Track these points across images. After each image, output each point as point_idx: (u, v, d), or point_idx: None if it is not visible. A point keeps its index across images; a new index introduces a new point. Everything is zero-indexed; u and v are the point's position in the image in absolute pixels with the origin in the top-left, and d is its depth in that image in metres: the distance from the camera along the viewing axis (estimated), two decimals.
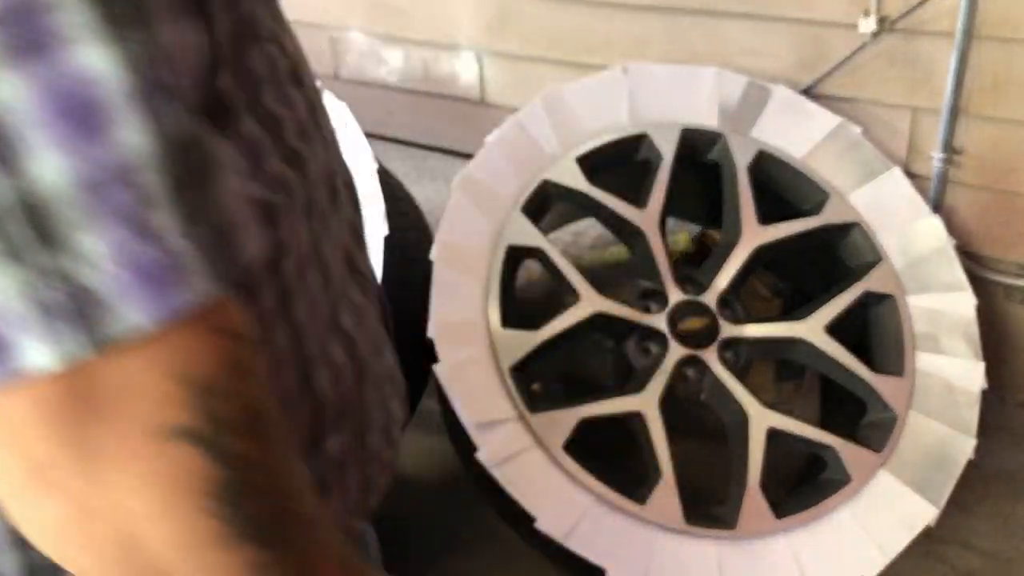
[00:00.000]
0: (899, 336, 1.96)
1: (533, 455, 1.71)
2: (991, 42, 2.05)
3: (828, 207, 2.03)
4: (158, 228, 0.41)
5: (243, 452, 0.45)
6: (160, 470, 0.43)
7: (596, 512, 1.69)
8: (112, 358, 0.42)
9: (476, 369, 1.75)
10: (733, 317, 1.95)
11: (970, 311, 1.99)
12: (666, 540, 1.71)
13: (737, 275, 1.95)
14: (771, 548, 1.75)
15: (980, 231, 2.25)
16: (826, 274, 2.13)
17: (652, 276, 1.93)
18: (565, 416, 1.77)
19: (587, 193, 1.93)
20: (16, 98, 0.38)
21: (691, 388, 1.90)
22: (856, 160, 2.10)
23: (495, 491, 1.71)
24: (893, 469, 1.84)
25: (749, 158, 2.03)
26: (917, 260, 2.02)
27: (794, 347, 1.95)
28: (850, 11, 2.16)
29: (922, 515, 1.79)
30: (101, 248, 0.40)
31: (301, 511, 0.49)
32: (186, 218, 0.42)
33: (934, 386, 1.93)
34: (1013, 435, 2.29)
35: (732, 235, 1.98)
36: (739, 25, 2.31)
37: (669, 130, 2.01)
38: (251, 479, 0.46)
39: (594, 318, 1.86)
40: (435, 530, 2.10)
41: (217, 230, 0.43)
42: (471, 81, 2.75)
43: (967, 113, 2.14)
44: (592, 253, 2.31)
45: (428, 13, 2.71)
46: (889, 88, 2.20)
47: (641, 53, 2.45)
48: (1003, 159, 2.16)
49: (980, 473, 2.13)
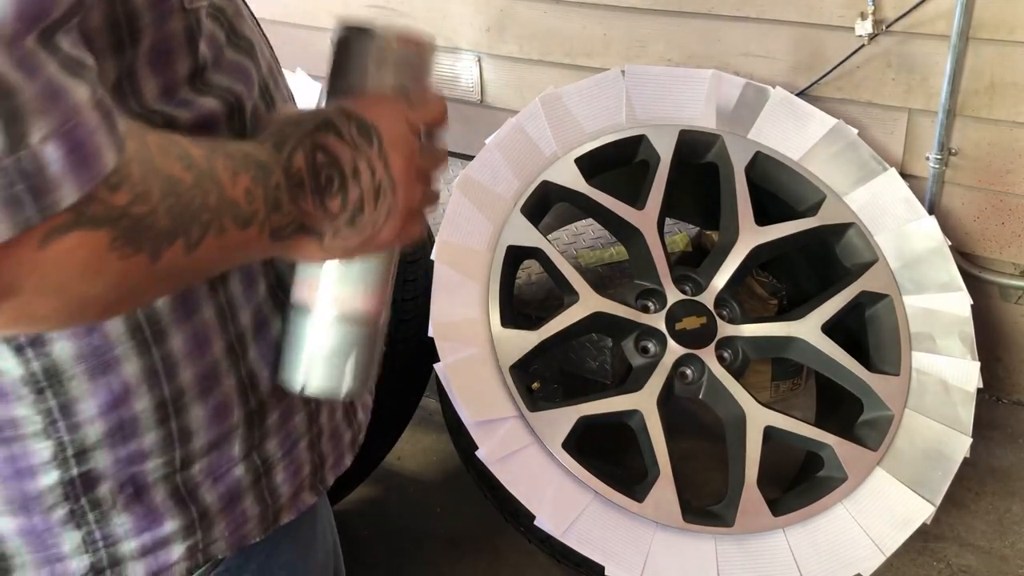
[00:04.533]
0: (895, 335, 1.98)
1: (532, 453, 1.73)
2: (986, 44, 2.07)
3: (825, 208, 2.04)
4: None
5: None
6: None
7: (595, 509, 1.71)
8: None
9: (476, 368, 1.76)
10: (730, 317, 1.96)
11: (965, 311, 2.00)
12: (664, 537, 1.72)
13: (734, 275, 1.97)
14: (768, 545, 1.76)
15: (975, 231, 2.27)
16: (823, 274, 2.15)
17: (650, 276, 1.95)
18: (564, 414, 1.78)
19: (586, 194, 1.94)
20: None
21: (689, 387, 1.91)
22: (852, 161, 2.11)
23: (495, 488, 1.73)
24: (889, 467, 1.85)
25: (746, 159, 2.05)
26: (913, 260, 2.04)
27: (791, 346, 1.97)
28: (846, 14, 2.17)
29: (918, 513, 1.81)
30: None
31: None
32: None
33: (930, 385, 1.94)
34: (1008, 433, 2.31)
35: (730, 235, 2.00)
36: (736, 27, 2.33)
37: (667, 131, 2.03)
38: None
39: (593, 317, 1.87)
40: (435, 528, 2.11)
41: (24, 173, 0.44)
42: (471, 83, 2.77)
43: (962, 115, 2.16)
44: (591, 253, 2.32)
45: (428, 16, 2.73)
46: (885, 90, 2.22)
47: (639, 55, 2.47)
48: (998, 160, 2.17)
49: (976, 471, 2.15)
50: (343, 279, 0.66)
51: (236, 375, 0.70)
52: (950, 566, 1.97)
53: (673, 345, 1.90)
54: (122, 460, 0.66)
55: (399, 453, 2.23)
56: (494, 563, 2.01)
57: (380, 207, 0.63)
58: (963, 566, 1.97)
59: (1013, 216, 2.21)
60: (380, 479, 2.18)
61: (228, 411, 0.70)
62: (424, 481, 2.24)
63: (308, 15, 2.90)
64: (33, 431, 0.63)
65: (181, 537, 0.71)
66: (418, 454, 2.29)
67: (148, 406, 0.65)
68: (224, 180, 0.55)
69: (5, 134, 0.43)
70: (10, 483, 0.64)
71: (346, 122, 0.62)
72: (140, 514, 0.68)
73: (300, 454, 0.77)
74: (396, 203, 0.63)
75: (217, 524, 0.72)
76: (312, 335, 0.66)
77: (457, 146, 2.84)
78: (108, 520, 0.67)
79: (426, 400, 2.05)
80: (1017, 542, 2.02)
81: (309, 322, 0.66)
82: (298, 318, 0.67)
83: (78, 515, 0.66)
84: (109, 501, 0.67)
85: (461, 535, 2.08)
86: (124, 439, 0.65)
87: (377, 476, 2.11)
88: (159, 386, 0.65)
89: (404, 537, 2.08)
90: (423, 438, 2.31)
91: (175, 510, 0.70)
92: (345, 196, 0.61)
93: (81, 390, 0.62)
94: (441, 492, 2.20)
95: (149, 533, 0.69)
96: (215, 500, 0.72)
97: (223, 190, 0.55)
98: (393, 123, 0.63)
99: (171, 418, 0.67)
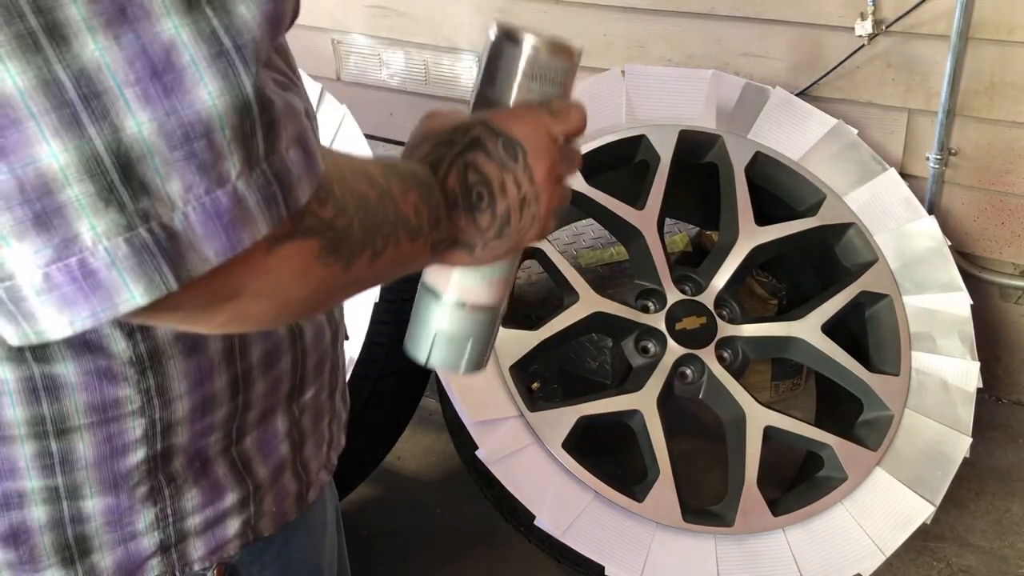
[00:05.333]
0: (895, 335, 1.98)
1: (532, 453, 1.73)
2: (986, 44, 2.07)
3: (824, 208, 2.04)
4: (227, 176, 0.47)
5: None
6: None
7: (595, 509, 1.71)
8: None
9: None
10: (730, 317, 1.96)
11: (965, 311, 2.00)
12: (664, 537, 1.72)
13: (734, 275, 1.97)
14: (768, 545, 1.76)
15: (975, 231, 2.27)
16: (822, 274, 2.15)
17: (650, 276, 1.95)
18: (564, 414, 1.78)
19: (586, 194, 1.94)
20: (111, 61, 0.45)
21: (689, 387, 1.91)
22: (852, 161, 2.11)
23: (495, 488, 1.73)
24: (889, 467, 1.85)
25: (746, 159, 2.05)
26: (913, 260, 2.04)
27: (791, 346, 1.97)
28: (846, 14, 2.18)
29: (918, 512, 1.81)
30: (180, 192, 0.46)
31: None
32: (249, 167, 0.48)
33: (930, 385, 1.95)
34: (1008, 433, 2.31)
35: (729, 235, 2.00)
36: (736, 27, 2.33)
37: (667, 131, 2.03)
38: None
39: (593, 317, 1.87)
40: (435, 528, 2.11)
41: (277, 175, 0.49)
42: (471, 83, 2.76)
43: (962, 115, 2.16)
44: (591, 253, 2.32)
45: (429, 16, 2.73)
46: (885, 90, 2.22)
47: (639, 55, 2.47)
48: (998, 160, 2.17)
49: (975, 471, 2.15)
50: (473, 272, 0.71)
51: (293, 352, 0.75)
52: (950, 566, 1.97)
53: (673, 345, 1.90)
54: (196, 434, 0.70)
55: (399, 453, 2.23)
56: (494, 563, 2.01)
57: (525, 217, 0.68)
58: (963, 566, 1.97)
59: (1013, 216, 2.21)
60: (380, 479, 2.18)
61: (279, 385, 0.75)
62: (424, 481, 2.24)
63: (308, 15, 2.90)
64: (132, 410, 0.66)
65: (237, 511, 0.74)
66: (418, 454, 2.29)
67: (224, 383, 0.70)
68: (399, 197, 0.60)
69: (265, 141, 0.49)
70: (105, 463, 0.67)
71: (494, 139, 0.66)
72: (206, 487, 0.72)
73: (323, 430, 0.82)
74: (539, 210, 0.68)
75: (266, 498, 0.76)
76: (437, 316, 0.72)
77: None
78: (180, 495, 0.71)
79: (426, 400, 2.05)
80: (1017, 542, 2.02)
81: (436, 304, 0.72)
82: (426, 298, 0.73)
83: (156, 491, 0.69)
84: (182, 475, 0.70)
85: (461, 535, 2.08)
86: (203, 415, 0.69)
87: (377, 476, 2.11)
88: (234, 363, 0.70)
89: (404, 537, 2.09)
90: (423, 438, 2.31)
91: (234, 482, 0.73)
92: (494, 211, 0.66)
93: (176, 370, 0.66)
94: (441, 492, 2.20)
95: (212, 507, 0.72)
96: (266, 474, 0.76)
97: (398, 206, 0.60)
98: (536, 135, 0.68)
99: (240, 393, 0.71)
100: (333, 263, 0.54)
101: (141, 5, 0.45)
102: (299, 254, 0.52)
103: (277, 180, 0.49)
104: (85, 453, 0.65)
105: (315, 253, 0.53)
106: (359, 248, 0.56)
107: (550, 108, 0.69)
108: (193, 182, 0.46)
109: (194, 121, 0.46)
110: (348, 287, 0.59)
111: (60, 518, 0.67)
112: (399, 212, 0.60)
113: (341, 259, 0.55)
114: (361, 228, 0.56)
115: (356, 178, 0.57)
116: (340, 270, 0.55)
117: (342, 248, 0.54)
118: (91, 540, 0.68)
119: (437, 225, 0.63)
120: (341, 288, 0.58)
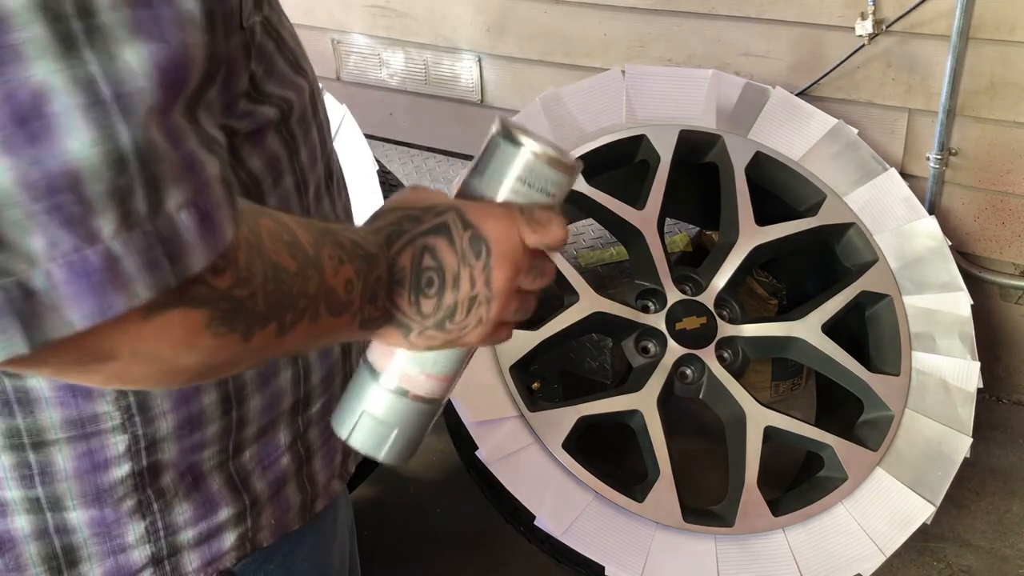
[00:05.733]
0: (895, 335, 1.98)
1: (532, 453, 1.73)
2: (986, 44, 2.07)
3: (825, 208, 2.04)
4: (98, 234, 0.44)
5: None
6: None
7: (595, 509, 1.71)
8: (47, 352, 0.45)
9: (476, 368, 1.76)
10: (731, 317, 1.96)
11: (966, 311, 2.00)
12: (664, 537, 1.72)
13: (735, 275, 1.97)
14: (768, 545, 1.76)
15: (976, 231, 2.27)
16: (823, 274, 2.15)
17: (650, 276, 1.95)
18: (564, 414, 1.78)
19: (586, 194, 1.94)
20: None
21: (689, 387, 1.91)
22: (853, 161, 2.11)
23: (495, 488, 1.73)
24: (890, 467, 1.85)
25: (746, 159, 2.05)
26: (913, 260, 2.04)
27: (791, 346, 1.97)
28: (847, 14, 2.17)
29: (918, 513, 1.81)
30: (43, 249, 0.43)
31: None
32: (127, 226, 0.45)
33: (930, 385, 1.95)
34: (1009, 433, 2.31)
35: (730, 236, 2.00)
36: (737, 27, 2.33)
37: (667, 131, 2.03)
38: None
39: (593, 317, 1.87)
40: (435, 528, 2.11)
41: (162, 238, 0.46)
42: (471, 83, 2.77)
43: (963, 115, 2.16)
44: (591, 253, 2.32)
45: (429, 16, 2.73)
46: (885, 90, 2.22)
47: (639, 55, 2.47)
48: (998, 160, 2.17)
49: (976, 471, 2.15)
50: (416, 360, 0.68)
51: (293, 368, 0.73)
52: (950, 566, 1.97)
53: (673, 345, 1.90)
54: (186, 450, 0.69)
55: None
56: (494, 563, 2.01)
57: (471, 317, 0.64)
58: (963, 566, 1.97)
59: (1013, 216, 2.21)
60: (380, 479, 2.18)
61: (280, 401, 0.73)
62: (424, 481, 2.24)
63: (308, 15, 2.90)
64: (112, 426, 0.65)
65: (233, 524, 0.74)
66: (418, 454, 2.28)
67: (214, 399, 0.68)
68: (327, 268, 0.57)
69: (146, 200, 0.45)
70: (87, 476, 0.66)
71: (461, 230, 0.63)
72: (199, 502, 0.71)
73: (335, 442, 0.81)
74: (488, 315, 0.65)
75: (265, 511, 0.75)
76: (370, 396, 0.68)
77: (457, 146, 2.85)
78: (170, 509, 0.70)
79: None
80: (1017, 542, 2.02)
81: (373, 383, 0.68)
82: (364, 374, 0.69)
83: (144, 505, 0.69)
84: (172, 490, 0.69)
85: (461, 535, 2.08)
86: (191, 431, 0.68)
87: (377, 476, 2.11)
88: (226, 381, 0.68)
89: (404, 537, 2.08)
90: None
91: (229, 497, 0.73)
92: (440, 301, 0.63)
93: None
94: (441, 492, 2.20)
95: (205, 521, 0.72)
96: (265, 487, 0.75)
97: (324, 278, 0.56)
98: (508, 240, 0.64)
99: (233, 409, 0.70)
100: (227, 334, 0.50)
101: (12, 47, 0.42)
102: (182, 324, 0.48)
103: (163, 244, 0.46)
104: (65, 466, 0.65)
105: (203, 323, 0.49)
106: (260, 321, 0.52)
107: (531, 215, 0.65)
108: (58, 238, 0.43)
109: (60, 172, 0.43)
110: (250, 357, 0.54)
111: (44, 528, 0.67)
112: (323, 285, 0.56)
113: (236, 331, 0.51)
114: (267, 301, 0.52)
115: (276, 246, 0.53)
116: (236, 341, 0.51)
117: (237, 320, 0.51)
118: (79, 551, 0.68)
119: (372, 300, 0.60)
120: (241, 359, 0.54)
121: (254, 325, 0.52)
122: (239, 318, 0.51)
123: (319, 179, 0.75)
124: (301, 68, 0.71)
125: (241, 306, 0.51)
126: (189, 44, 0.47)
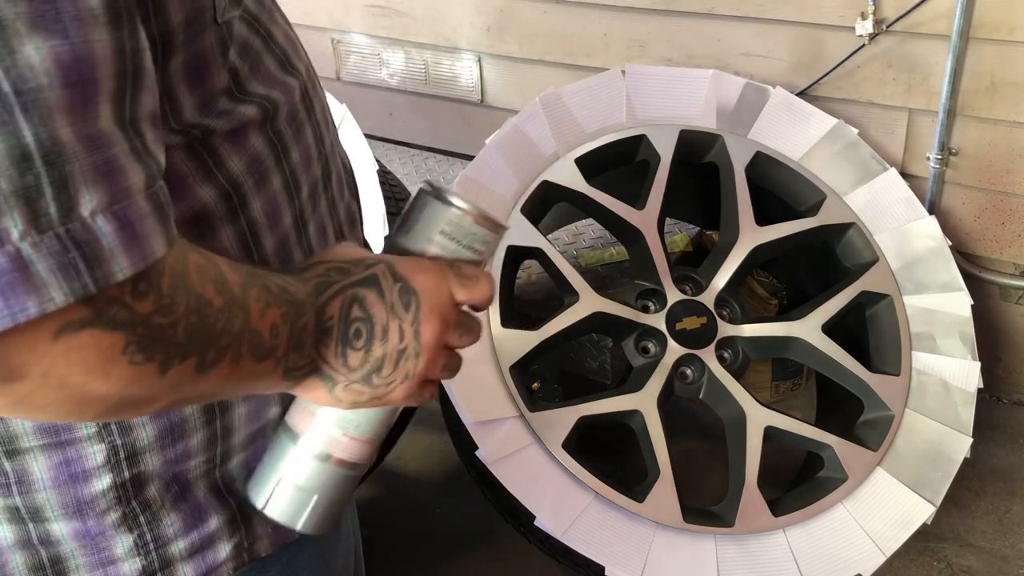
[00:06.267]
0: (895, 335, 1.98)
1: (532, 453, 1.73)
2: (986, 44, 2.07)
3: (825, 208, 2.04)
4: (6, 235, 0.43)
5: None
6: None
7: (595, 509, 1.71)
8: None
9: (476, 368, 1.76)
10: (731, 317, 1.96)
11: (966, 311, 2.00)
12: (664, 537, 1.72)
13: (735, 275, 1.97)
14: (768, 546, 1.76)
15: (976, 231, 2.27)
16: (823, 274, 2.15)
17: (650, 276, 1.95)
18: (564, 415, 1.78)
19: (586, 194, 1.94)
20: None
21: (689, 387, 1.91)
22: (853, 161, 2.11)
23: (495, 489, 1.73)
24: (890, 467, 1.85)
25: (747, 159, 2.05)
26: (913, 260, 2.04)
27: (791, 346, 1.97)
28: (847, 13, 2.17)
29: (919, 513, 1.81)
30: None
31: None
32: (38, 228, 0.43)
33: (930, 385, 1.94)
34: (1009, 433, 2.31)
35: (730, 235, 2.00)
36: (737, 27, 2.33)
37: (667, 131, 2.03)
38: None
39: (593, 317, 1.87)
40: (435, 528, 2.11)
41: (76, 242, 0.44)
42: (471, 83, 2.76)
43: (963, 114, 2.16)
44: (591, 253, 2.32)
45: (429, 16, 2.73)
46: (885, 90, 2.22)
47: (639, 55, 2.47)
48: (998, 160, 2.17)
49: (976, 471, 2.15)
50: (339, 421, 0.66)
51: None
52: (950, 566, 1.97)
53: (673, 345, 1.90)
54: (170, 461, 0.68)
55: (399, 453, 2.23)
56: (494, 563, 2.01)
57: (398, 371, 0.63)
58: (963, 566, 1.97)
59: (1013, 216, 2.21)
60: (380, 479, 2.18)
61: (266, 409, 0.72)
62: (424, 481, 2.24)
63: (308, 15, 2.90)
64: (87, 434, 0.64)
65: (227, 534, 0.72)
66: (418, 454, 2.29)
67: (195, 410, 0.67)
68: (253, 311, 0.55)
69: (55, 201, 0.44)
70: (65, 487, 0.65)
71: (391, 282, 0.62)
72: (186, 511, 0.70)
73: None
74: (416, 370, 0.64)
75: (256, 517, 0.74)
76: (288, 461, 0.66)
77: (457, 146, 2.85)
78: (158, 521, 0.69)
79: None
80: (1017, 542, 2.02)
81: (291, 447, 0.66)
82: (282, 437, 0.67)
83: (130, 518, 0.67)
84: (158, 501, 0.68)
85: (461, 535, 2.08)
86: (173, 441, 0.67)
87: (377, 476, 2.11)
88: None
89: (404, 537, 2.08)
90: (423, 438, 2.31)
91: (216, 504, 0.71)
92: (368, 353, 0.62)
93: None
94: (441, 492, 2.20)
95: (196, 531, 0.71)
96: None
97: (250, 319, 0.55)
98: (437, 295, 0.63)
99: (216, 419, 0.69)
100: (143, 363, 0.49)
101: None
102: (96, 346, 0.46)
103: (78, 248, 0.44)
104: (42, 475, 0.64)
105: (118, 347, 0.47)
106: (180, 353, 0.51)
107: (459, 271, 0.64)
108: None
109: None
110: (165, 395, 0.52)
111: (28, 538, 0.66)
112: (248, 326, 0.55)
113: (153, 360, 0.49)
114: (188, 332, 0.51)
115: (202, 280, 0.52)
116: (153, 372, 0.49)
117: (155, 348, 0.49)
118: (66, 562, 0.67)
119: (298, 348, 0.59)
120: (157, 394, 0.52)
121: (173, 357, 0.50)
122: (157, 347, 0.49)
123: (315, 180, 0.74)
124: (292, 67, 0.70)
125: (161, 334, 0.49)
126: (92, 41, 0.46)
